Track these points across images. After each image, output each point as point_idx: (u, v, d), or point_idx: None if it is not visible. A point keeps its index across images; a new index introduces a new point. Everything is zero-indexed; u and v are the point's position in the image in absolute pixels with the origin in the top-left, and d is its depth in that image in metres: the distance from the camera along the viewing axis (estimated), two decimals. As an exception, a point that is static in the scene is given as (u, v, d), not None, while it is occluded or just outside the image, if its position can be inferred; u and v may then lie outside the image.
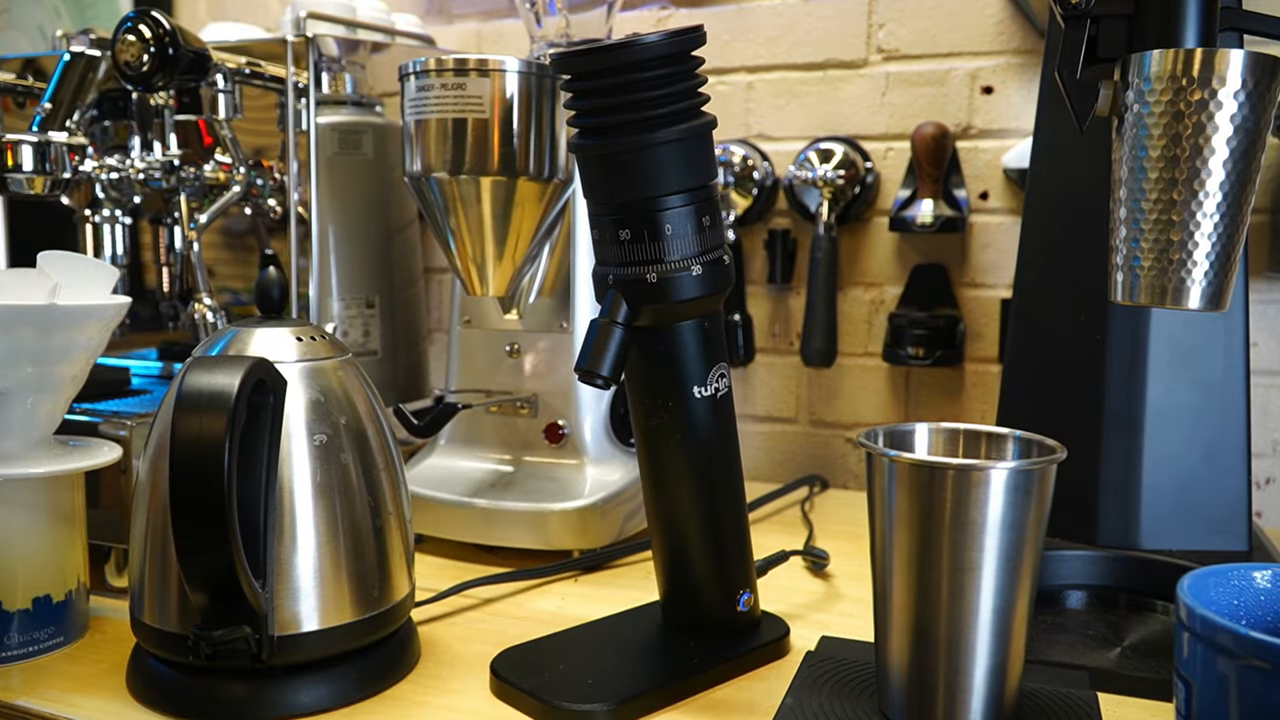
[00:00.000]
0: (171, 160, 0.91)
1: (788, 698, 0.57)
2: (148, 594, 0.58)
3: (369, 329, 1.02)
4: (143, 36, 0.80)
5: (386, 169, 1.03)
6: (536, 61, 0.77)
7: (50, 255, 0.66)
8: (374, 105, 1.02)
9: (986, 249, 1.08)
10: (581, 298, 0.86)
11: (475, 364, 0.90)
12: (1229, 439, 0.76)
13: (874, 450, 0.53)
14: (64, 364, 0.65)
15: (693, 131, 0.58)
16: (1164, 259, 0.55)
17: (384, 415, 0.63)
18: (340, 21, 1.02)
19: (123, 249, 0.99)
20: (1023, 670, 0.54)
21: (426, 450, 0.92)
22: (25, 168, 0.78)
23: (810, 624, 0.71)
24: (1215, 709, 0.44)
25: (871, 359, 1.13)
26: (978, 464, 0.50)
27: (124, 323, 0.73)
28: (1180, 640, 0.46)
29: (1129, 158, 0.57)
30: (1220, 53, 0.53)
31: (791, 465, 1.17)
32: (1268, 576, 0.50)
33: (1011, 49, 1.05)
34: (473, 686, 0.61)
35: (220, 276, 1.01)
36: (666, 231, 0.58)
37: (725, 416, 0.64)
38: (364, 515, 0.59)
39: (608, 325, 0.59)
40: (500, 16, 1.26)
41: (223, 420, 0.50)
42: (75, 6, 1.50)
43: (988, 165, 1.07)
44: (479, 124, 0.76)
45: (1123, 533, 0.75)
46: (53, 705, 0.58)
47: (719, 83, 1.16)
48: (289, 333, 0.60)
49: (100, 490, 0.74)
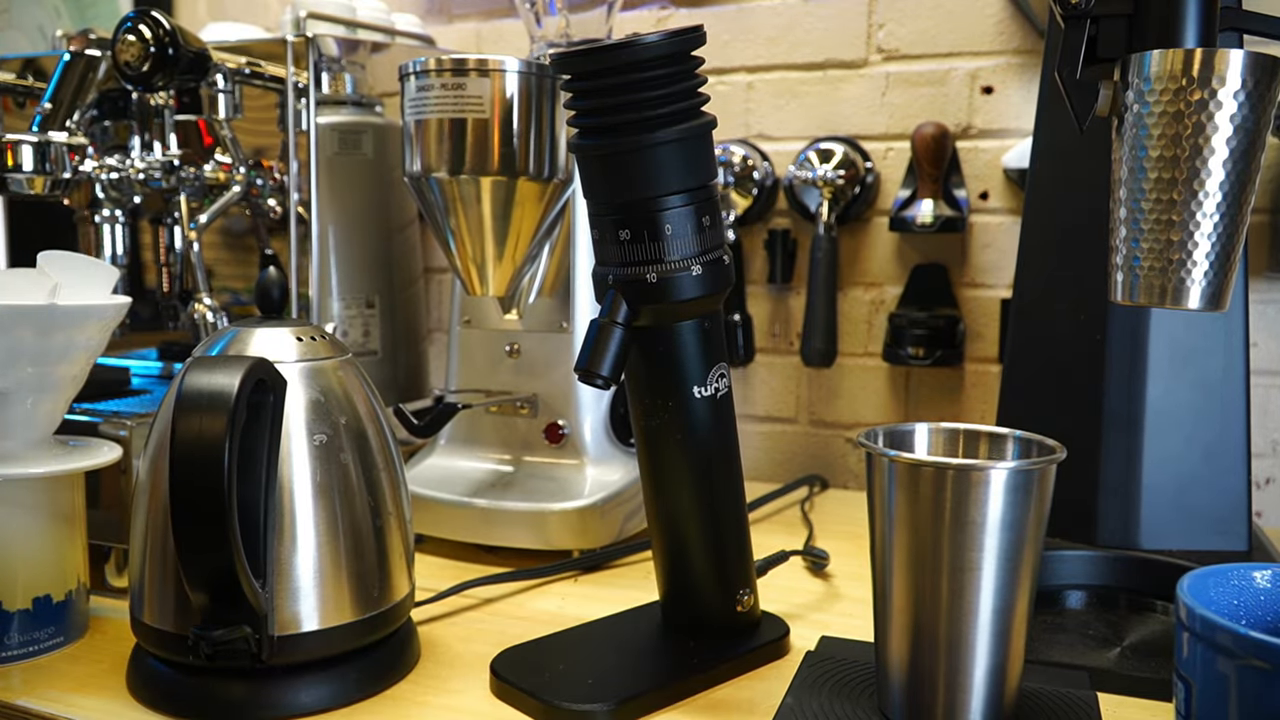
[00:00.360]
0: (171, 160, 0.91)
1: (788, 698, 0.57)
2: (148, 594, 0.58)
3: (369, 329, 1.02)
4: (143, 36, 0.80)
5: (386, 169, 1.03)
6: (536, 61, 0.77)
7: (50, 255, 0.66)
8: (374, 105, 1.03)
9: (986, 249, 1.08)
10: (581, 298, 0.86)
11: (475, 364, 0.90)
12: (1229, 439, 0.76)
13: (874, 450, 0.53)
14: (64, 364, 0.65)
15: (693, 131, 0.58)
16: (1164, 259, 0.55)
17: (384, 415, 0.63)
18: (340, 21, 1.02)
19: (123, 249, 0.99)
20: (1022, 670, 0.54)
21: (426, 450, 0.92)
22: (25, 168, 0.78)
23: (810, 624, 0.71)
24: (1215, 709, 0.44)
25: (871, 359, 1.13)
26: (977, 464, 0.50)
27: (124, 323, 0.73)
28: (1180, 640, 0.46)
29: (1129, 158, 0.57)
30: (1220, 53, 0.53)
31: (791, 465, 1.17)
32: (1268, 576, 0.50)
33: (1011, 49, 1.05)
34: (473, 686, 0.61)
35: (220, 276, 1.01)
36: (666, 231, 0.58)
37: (725, 416, 0.64)
38: (364, 515, 0.59)
39: (608, 325, 0.59)
40: (500, 16, 1.26)
41: (223, 420, 0.50)
42: (75, 6, 1.50)
43: (988, 165, 1.07)
44: (479, 124, 0.76)
45: (1123, 533, 0.75)
46: (53, 705, 0.58)
47: (719, 83, 1.16)
48: (289, 333, 0.60)
49: (100, 490, 0.74)
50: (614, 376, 0.59)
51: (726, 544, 0.65)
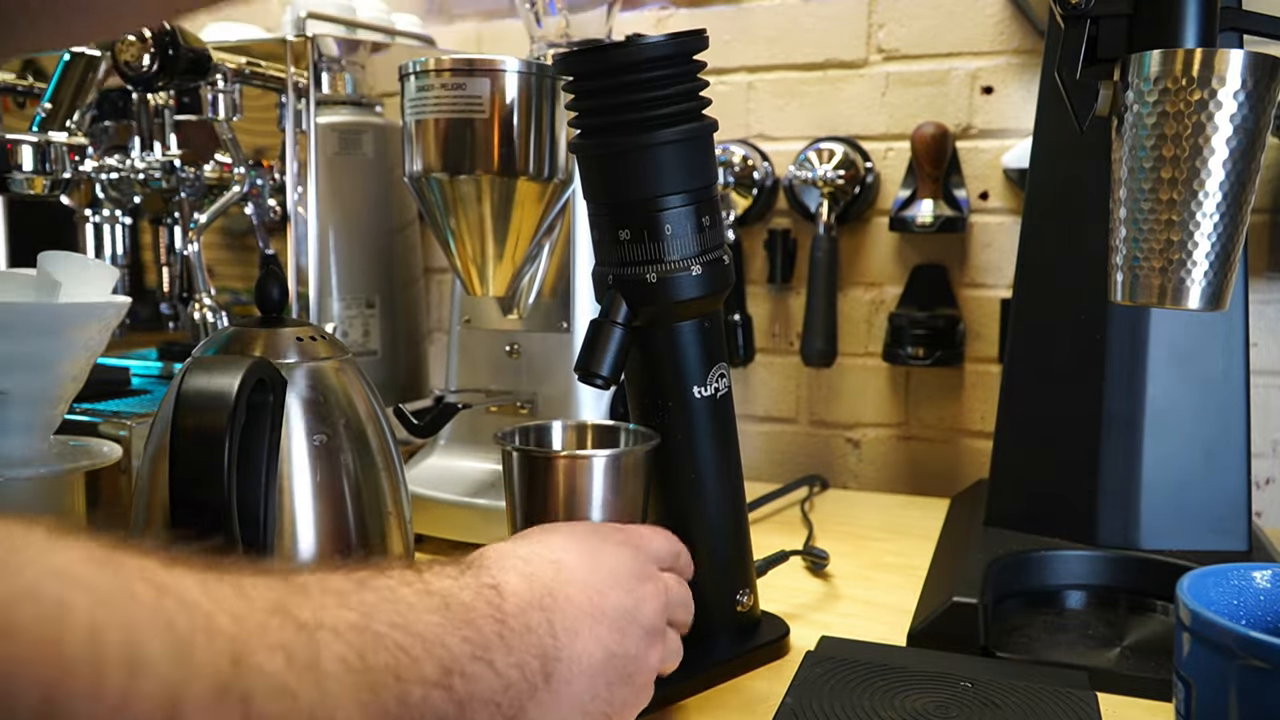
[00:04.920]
0: (171, 160, 0.91)
1: (788, 698, 0.57)
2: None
3: (369, 329, 1.02)
4: (143, 36, 0.80)
5: (386, 169, 1.02)
6: (536, 61, 0.77)
7: (50, 255, 0.66)
8: (374, 105, 1.03)
9: (986, 249, 1.08)
10: (581, 298, 0.86)
11: (475, 364, 0.90)
12: (1229, 439, 0.76)
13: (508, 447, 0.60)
14: (64, 364, 0.65)
15: (693, 132, 0.58)
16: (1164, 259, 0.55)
17: (384, 415, 0.63)
18: (340, 21, 1.02)
19: (123, 249, 0.99)
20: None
21: (426, 450, 0.92)
22: (25, 168, 0.78)
23: (810, 624, 0.71)
24: (1215, 709, 0.44)
25: (871, 359, 1.13)
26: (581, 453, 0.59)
27: (124, 323, 0.73)
28: (1180, 640, 0.46)
29: (1129, 158, 0.57)
30: (1220, 53, 0.53)
31: (791, 465, 1.17)
32: (1267, 576, 0.50)
33: (1011, 49, 1.05)
34: (473, 686, 0.61)
35: (220, 276, 1.01)
36: (666, 231, 0.58)
37: (725, 416, 0.64)
38: (364, 515, 0.59)
39: (608, 325, 0.59)
40: (500, 16, 1.26)
41: (223, 420, 0.50)
42: (75, 6, 1.50)
43: (988, 165, 1.07)
44: (479, 124, 0.75)
45: (1122, 533, 0.75)
46: (53, 705, 0.58)
47: (719, 83, 1.16)
48: (289, 333, 0.60)
49: (100, 490, 0.74)
50: (614, 376, 0.59)
51: (726, 544, 0.65)
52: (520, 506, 0.59)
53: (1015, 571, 0.73)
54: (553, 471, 0.58)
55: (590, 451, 0.61)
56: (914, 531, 0.92)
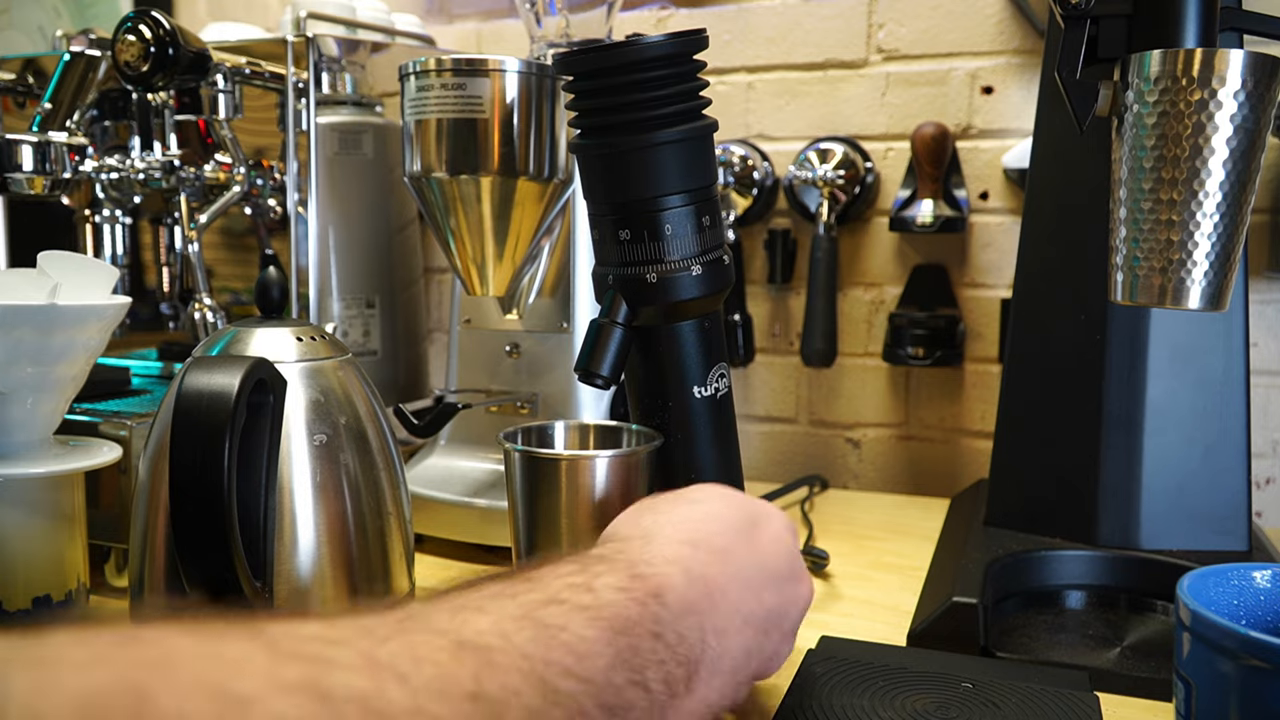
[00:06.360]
0: (171, 160, 0.91)
1: (787, 697, 0.57)
2: (148, 594, 0.58)
3: (369, 329, 1.02)
4: (143, 36, 0.80)
5: (386, 169, 1.03)
6: (536, 61, 0.77)
7: (50, 255, 0.66)
8: (374, 105, 1.02)
9: (986, 249, 1.08)
10: (581, 298, 0.86)
11: (475, 364, 0.90)
12: (1229, 439, 0.76)
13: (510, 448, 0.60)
14: (64, 364, 0.65)
15: (693, 133, 0.58)
16: (1164, 259, 0.55)
17: (384, 415, 0.63)
18: (340, 21, 1.02)
19: (123, 249, 0.99)
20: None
21: (426, 450, 0.92)
22: (25, 168, 0.78)
23: (810, 624, 0.70)
24: (1215, 709, 0.44)
25: (871, 359, 1.13)
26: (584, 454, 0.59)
27: (124, 323, 0.73)
28: (1180, 640, 0.46)
29: (1129, 158, 0.57)
30: (1220, 53, 0.53)
31: (791, 465, 1.17)
32: (1268, 576, 0.50)
33: (1011, 49, 1.05)
34: (473, 686, 0.61)
35: (220, 276, 1.01)
36: (666, 231, 0.58)
37: (725, 416, 0.64)
38: (364, 515, 0.59)
39: (608, 325, 0.59)
40: (500, 16, 1.26)
41: (223, 420, 0.50)
42: (75, 6, 1.50)
43: (988, 165, 1.07)
44: (479, 124, 0.75)
45: (1122, 533, 0.75)
46: (53, 705, 0.58)
47: (719, 83, 1.16)
48: (289, 333, 0.60)
49: (100, 490, 0.74)
50: (614, 376, 0.59)
51: (726, 544, 0.65)
52: (523, 507, 0.59)
53: (1015, 571, 0.73)
54: (557, 472, 0.58)
55: (594, 452, 0.61)
56: (914, 531, 0.92)
